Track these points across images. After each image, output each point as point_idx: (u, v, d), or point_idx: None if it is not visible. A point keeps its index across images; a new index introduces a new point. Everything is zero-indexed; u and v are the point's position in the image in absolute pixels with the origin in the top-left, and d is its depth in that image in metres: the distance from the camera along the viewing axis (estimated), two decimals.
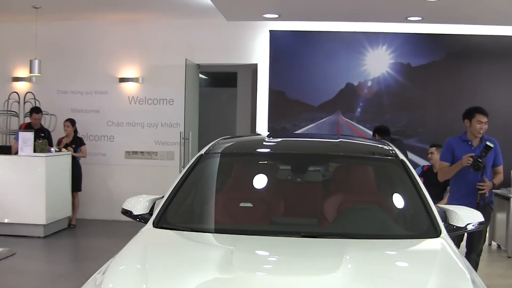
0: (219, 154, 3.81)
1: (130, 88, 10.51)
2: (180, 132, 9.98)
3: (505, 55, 9.83)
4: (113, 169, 10.45)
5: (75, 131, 9.76)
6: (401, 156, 3.69)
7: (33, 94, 10.37)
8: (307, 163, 3.90)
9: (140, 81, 10.45)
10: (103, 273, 2.63)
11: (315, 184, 3.88)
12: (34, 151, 8.70)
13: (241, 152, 4.06)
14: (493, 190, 8.76)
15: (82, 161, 9.82)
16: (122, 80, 10.51)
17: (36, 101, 10.26)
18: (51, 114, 10.20)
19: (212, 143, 3.93)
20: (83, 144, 9.74)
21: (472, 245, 5.60)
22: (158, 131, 10.39)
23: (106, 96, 10.53)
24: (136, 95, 10.48)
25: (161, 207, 3.36)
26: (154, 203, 3.56)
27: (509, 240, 8.17)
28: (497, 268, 7.62)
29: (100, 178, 10.44)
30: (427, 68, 9.91)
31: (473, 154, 5.31)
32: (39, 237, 8.63)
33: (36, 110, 9.64)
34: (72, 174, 9.43)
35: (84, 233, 9.40)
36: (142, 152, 10.36)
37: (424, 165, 8.29)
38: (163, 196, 3.47)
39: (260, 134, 7.25)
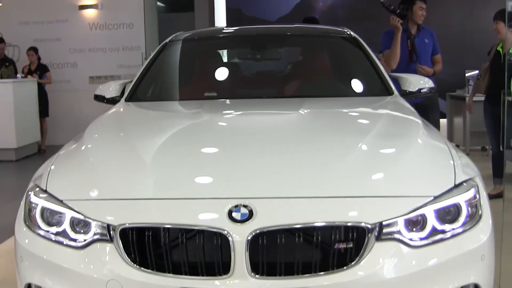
0: (182, 40, 4.22)
1: (90, 14, 11.06)
2: (142, 53, 10.66)
3: None
4: (78, 95, 11.01)
5: (39, 59, 10.35)
6: (354, 34, 4.07)
7: None
8: (266, 42, 4.28)
9: (99, 7, 11.01)
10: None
11: (274, 61, 4.48)
12: (1, 78, 9.34)
13: (203, 36, 4.47)
14: (449, 93, 9.47)
15: (47, 88, 10.44)
16: (82, 7, 11.04)
17: None
18: (14, 45, 10.81)
19: (174, 34, 4.29)
20: (48, 70, 10.35)
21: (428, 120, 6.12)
22: (120, 55, 11.02)
23: (67, 24, 11.08)
24: (96, 21, 11.06)
25: (132, 86, 3.76)
26: (125, 86, 3.86)
27: (466, 137, 8.76)
28: None
29: (66, 104, 11.05)
30: None
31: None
32: (11, 161, 9.32)
33: None
34: (39, 101, 10.08)
35: None
36: (105, 77, 10.90)
37: None
38: (131, 80, 3.90)
39: None
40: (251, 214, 2.09)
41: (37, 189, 2.47)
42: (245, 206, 2.11)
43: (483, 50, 6.31)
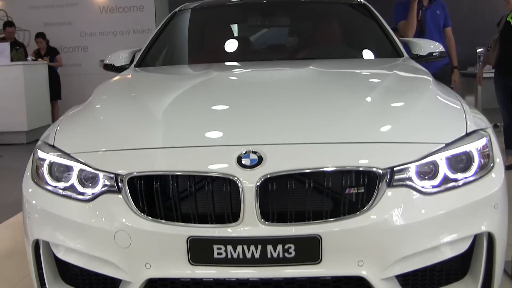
0: (191, 9, 4.22)
1: None
2: None
3: None
4: (89, 79, 10.95)
5: (47, 43, 10.40)
6: (364, 1, 4.09)
7: (5, 11, 10.96)
8: (275, 9, 4.31)
9: None
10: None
11: (283, 28, 4.44)
12: (12, 60, 9.35)
13: (212, 5, 4.41)
14: (461, 71, 9.36)
15: (58, 72, 10.50)
16: None
17: (9, 19, 10.85)
18: (24, 30, 10.84)
19: (183, 4, 4.45)
20: (58, 53, 10.40)
21: None
22: (130, 38, 11.03)
23: (77, 7, 11.12)
24: (107, 4, 11.08)
25: (141, 54, 3.76)
26: (134, 55, 3.83)
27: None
28: None
29: (77, 88, 10.98)
30: None
31: None
32: (22, 144, 9.33)
33: (9, 23, 10.24)
34: (51, 84, 10.11)
35: None
36: None
37: None
38: (140, 49, 3.87)
39: None
40: (260, 160, 2.06)
41: (45, 145, 2.45)
42: (254, 152, 2.08)
43: (494, 28, 6.23)
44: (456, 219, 2.14)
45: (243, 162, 2.06)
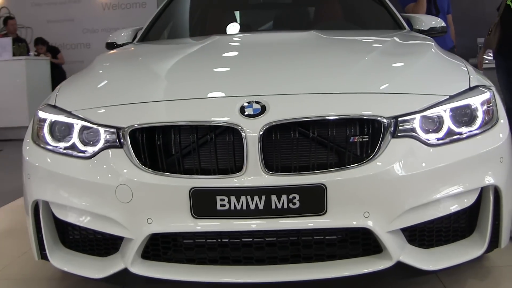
0: None
1: None
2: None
3: None
4: None
5: (47, 43, 10.39)
6: None
7: (7, 9, 10.95)
8: None
9: None
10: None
11: (286, 5, 4.45)
12: (14, 55, 9.33)
13: None
14: None
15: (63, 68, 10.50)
16: None
17: (11, 15, 10.83)
18: (26, 27, 10.83)
19: None
20: (59, 51, 10.40)
21: None
22: None
23: (80, 4, 11.13)
24: (109, 1, 11.09)
25: (144, 31, 3.76)
26: (136, 33, 3.81)
27: None
28: None
29: None
30: None
31: None
32: (23, 139, 9.30)
33: (9, 17, 10.23)
34: (57, 80, 10.07)
35: None
36: None
37: None
38: (142, 27, 3.86)
39: None
40: (263, 109, 2.03)
41: (46, 106, 2.42)
42: (257, 102, 2.05)
43: (494, 20, 6.20)
44: (461, 171, 2.11)
45: (246, 111, 2.03)
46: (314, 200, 1.98)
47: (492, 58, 8.96)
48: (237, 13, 4.20)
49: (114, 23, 11.02)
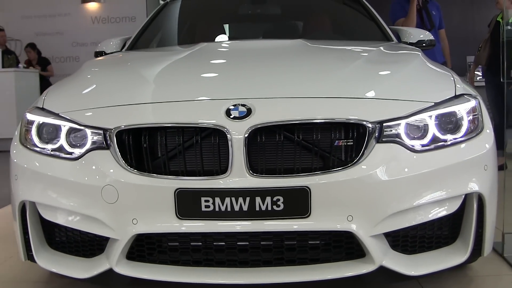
0: None
1: (92, 8, 11.14)
2: None
3: None
4: None
5: (39, 53, 10.40)
6: None
7: None
8: None
9: (101, 1, 11.09)
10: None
11: (274, 16, 4.46)
12: (3, 67, 9.33)
13: None
14: None
15: (52, 81, 10.47)
16: (84, 0, 11.13)
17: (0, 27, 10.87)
18: (16, 40, 10.85)
19: None
20: (49, 63, 10.41)
21: None
22: None
23: (69, 17, 11.15)
24: (99, 14, 11.13)
25: (132, 40, 3.81)
26: (125, 42, 3.88)
27: None
28: None
29: None
30: None
31: None
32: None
33: None
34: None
35: None
36: None
37: None
38: (131, 36, 3.93)
39: None
40: (249, 112, 2.06)
41: (34, 109, 2.45)
42: (243, 105, 2.09)
43: (484, 38, 6.28)
44: (445, 178, 2.14)
45: (232, 114, 2.06)
46: (298, 202, 2.01)
47: (481, 76, 9.10)
48: (226, 26, 4.23)
49: (104, 37, 10.79)
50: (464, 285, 2.55)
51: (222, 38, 3.94)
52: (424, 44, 3.56)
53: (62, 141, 2.26)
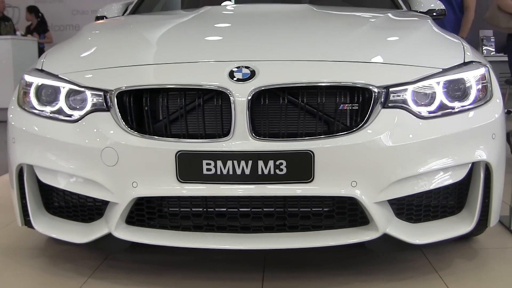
0: None
1: None
2: None
3: None
4: None
5: (42, 16, 10.35)
6: None
7: None
8: None
9: None
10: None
11: None
12: (0, 34, 9.32)
13: None
14: None
15: (47, 48, 10.45)
16: None
17: None
18: (14, 7, 10.81)
19: None
20: (47, 30, 10.37)
21: None
22: None
23: None
24: None
25: (135, 4, 3.79)
26: (127, 7, 3.84)
27: None
28: None
29: None
30: None
31: None
32: None
33: None
34: None
35: None
36: None
37: None
38: (133, 1, 4.01)
39: None
40: (253, 74, 2.07)
41: (33, 70, 2.45)
42: (247, 67, 2.09)
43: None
44: (451, 145, 2.15)
45: (235, 76, 2.07)
46: (301, 167, 2.02)
47: (494, 51, 9.02)
48: None
49: (104, 5, 10.94)
50: (469, 257, 2.57)
51: (227, 2, 3.92)
52: (434, 14, 3.56)
53: (62, 103, 2.27)
